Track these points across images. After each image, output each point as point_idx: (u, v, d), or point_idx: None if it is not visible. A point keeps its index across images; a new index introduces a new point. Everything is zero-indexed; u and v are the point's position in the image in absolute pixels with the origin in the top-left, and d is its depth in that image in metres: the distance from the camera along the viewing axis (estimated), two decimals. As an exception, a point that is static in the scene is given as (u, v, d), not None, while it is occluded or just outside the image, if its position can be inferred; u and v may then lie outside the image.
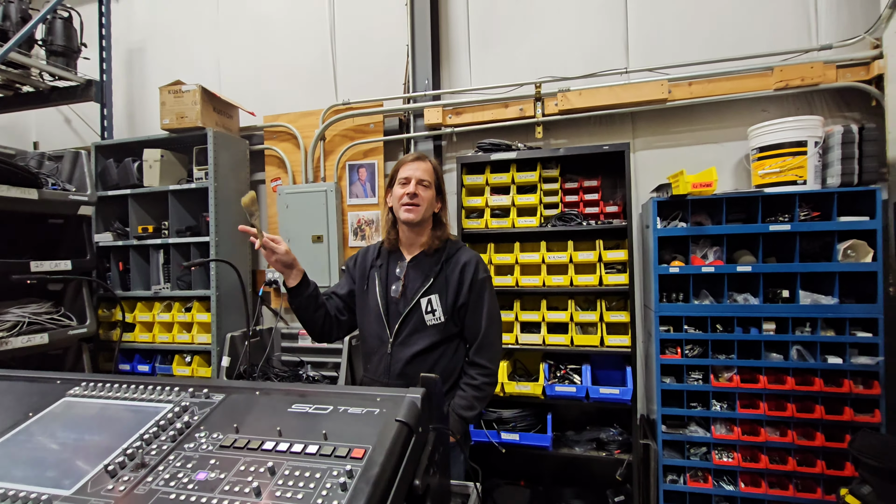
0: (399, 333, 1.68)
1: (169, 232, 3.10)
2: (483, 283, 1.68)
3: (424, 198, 1.68)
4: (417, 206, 1.67)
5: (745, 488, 2.38)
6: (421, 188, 1.68)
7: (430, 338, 1.65)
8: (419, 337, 1.66)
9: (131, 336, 3.16)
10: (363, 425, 1.04)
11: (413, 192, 1.67)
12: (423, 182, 1.69)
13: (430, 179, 1.71)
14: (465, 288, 1.66)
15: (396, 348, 1.67)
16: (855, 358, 2.26)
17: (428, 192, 1.70)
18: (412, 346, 1.65)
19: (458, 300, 1.66)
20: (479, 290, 1.67)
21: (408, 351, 1.65)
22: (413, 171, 1.69)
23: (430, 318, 1.65)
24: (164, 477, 0.95)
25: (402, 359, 1.66)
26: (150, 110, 3.91)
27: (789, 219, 2.34)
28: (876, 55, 2.38)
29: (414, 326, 1.67)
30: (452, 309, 1.66)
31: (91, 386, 1.32)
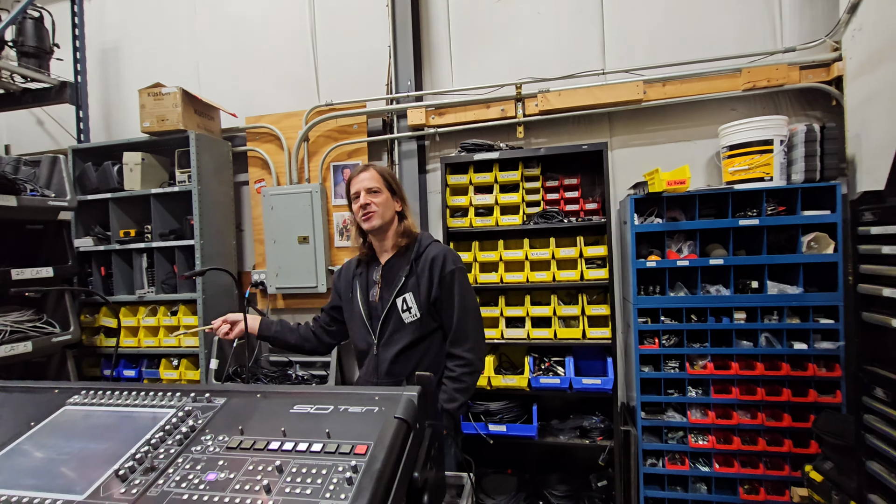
0: (382, 334, 1.74)
1: (152, 236, 3.08)
2: (452, 274, 1.73)
3: (377, 203, 1.74)
4: (373, 213, 1.73)
5: (719, 468, 2.53)
6: (371, 196, 1.74)
7: (410, 335, 1.72)
8: (400, 336, 1.72)
9: (115, 341, 3.13)
10: (364, 423, 1.10)
11: (365, 202, 1.73)
12: (372, 189, 1.75)
13: (379, 184, 1.76)
14: (436, 282, 1.71)
15: (381, 349, 1.74)
16: (818, 343, 2.41)
17: (379, 196, 1.75)
18: (395, 345, 1.72)
19: (430, 295, 1.72)
20: (449, 283, 1.72)
21: (392, 350, 1.71)
22: (360, 183, 1.76)
23: (407, 315, 1.71)
24: (175, 479, 0.99)
25: (387, 358, 1.72)
26: (126, 112, 3.85)
27: (757, 213, 2.47)
28: (836, 57, 2.52)
29: (394, 326, 1.73)
30: (427, 304, 1.72)
31: (91, 394, 1.35)
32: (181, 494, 0.95)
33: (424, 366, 1.71)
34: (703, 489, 2.60)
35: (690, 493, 2.59)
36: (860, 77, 2.36)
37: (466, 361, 1.70)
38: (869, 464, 1.51)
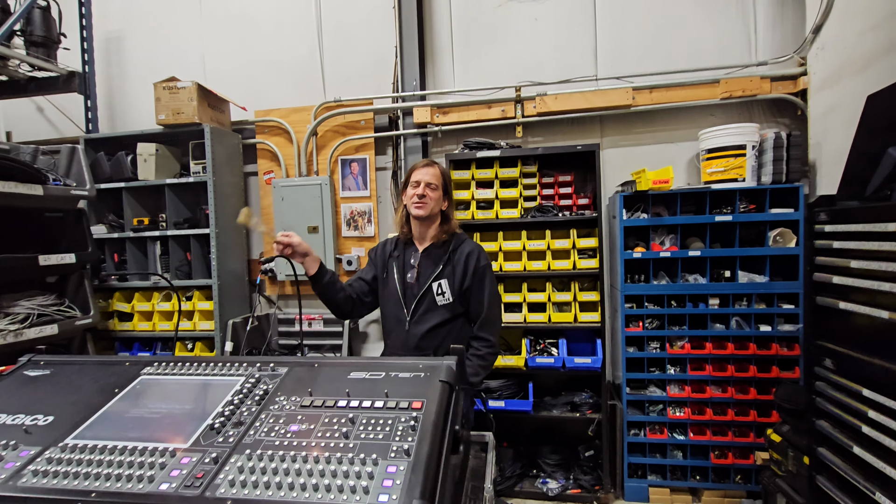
0: (415, 313, 1.95)
1: (167, 224, 3.20)
2: (484, 269, 1.97)
3: (432, 197, 1.95)
4: (425, 203, 1.94)
5: (693, 437, 2.85)
6: (428, 189, 1.95)
7: (441, 315, 1.94)
8: (432, 315, 1.94)
9: (130, 325, 3.26)
10: (414, 385, 1.33)
11: (422, 193, 1.94)
12: (431, 185, 1.95)
13: (438, 182, 1.98)
14: (470, 273, 1.94)
15: (413, 325, 1.95)
16: (781, 326, 2.74)
17: (435, 192, 1.97)
18: (426, 323, 1.93)
19: (463, 284, 1.94)
20: (481, 276, 1.96)
21: (423, 327, 1.93)
22: (423, 175, 1.96)
23: (441, 298, 1.94)
24: (263, 430, 1.20)
25: (417, 334, 1.93)
26: (129, 102, 3.92)
27: (731, 211, 2.77)
28: (802, 72, 2.82)
29: (427, 306, 1.95)
30: (459, 291, 1.95)
31: (161, 366, 1.53)
32: (272, 441, 1.16)
33: (448, 344, 1.93)
34: (678, 455, 2.92)
35: (668, 459, 2.91)
36: (822, 91, 2.67)
37: (491, 343, 1.95)
38: (818, 422, 1.81)
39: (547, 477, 3.06)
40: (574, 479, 3.02)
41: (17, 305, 2.58)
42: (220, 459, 1.10)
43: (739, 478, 2.83)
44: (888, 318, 1.44)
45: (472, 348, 1.95)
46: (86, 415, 1.32)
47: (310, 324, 3.40)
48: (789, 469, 2.14)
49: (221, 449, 1.14)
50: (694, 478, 2.90)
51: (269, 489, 1.01)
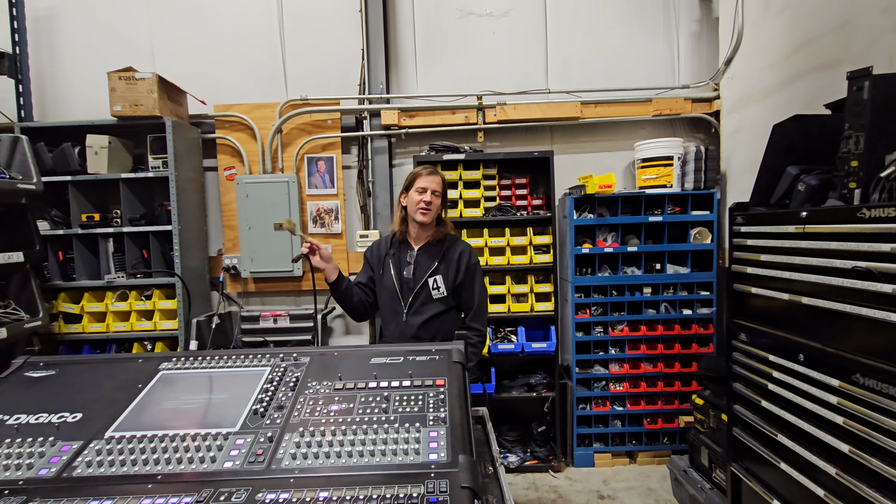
0: (412, 305, 2.13)
1: (122, 221, 3.06)
2: (475, 266, 2.20)
3: (436, 204, 2.13)
4: (430, 211, 2.12)
5: (630, 406, 3.30)
6: (434, 197, 2.12)
7: (436, 308, 2.14)
8: (428, 307, 2.13)
9: (79, 327, 3.09)
10: (432, 367, 1.54)
11: (429, 200, 2.10)
12: (436, 192, 2.13)
13: (440, 190, 2.15)
14: (462, 270, 2.15)
15: (410, 317, 2.13)
16: (699, 310, 3.26)
17: (438, 199, 2.14)
18: (423, 315, 2.12)
19: (456, 279, 2.15)
20: (472, 272, 2.18)
21: (419, 318, 2.12)
22: (429, 182, 2.12)
23: (436, 293, 2.13)
24: (306, 411, 1.35)
25: (415, 324, 2.12)
26: (64, 88, 3.64)
27: (661, 212, 3.23)
28: (716, 96, 3.35)
29: (423, 300, 2.13)
30: (452, 286, 2.15)
31: (178, 361, 1.60)
32: (318, 420, 1.31)
33: (444, 333, 2.13)
34: (618, 424, 3.36)
35: (610, 428, 3.34)
36: (731, 114, 3.20)
37: (482, 332, 2.18)
38: (735, 385, 2.26)
39: (507, 452, 3.37)
40: (531, 452, 3.36)
41: (-40, 308, 2.39)
42: (275, 438, 1.24)
43: (666, 440, 3.34)
44: (788, 300, 1.88)
45: (465, 337, 2.15)
46: (117, 409, 1.37)
47: (275, 320, 3.42)
48: (710, 426, 2.61)
49: (272, 429, 1.27)
50: (631, 442, 3.36)
51: (330, 458, 1.17)
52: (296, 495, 1.04)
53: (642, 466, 3.31)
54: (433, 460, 1.16)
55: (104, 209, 3.19)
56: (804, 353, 1.82)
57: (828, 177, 1.89)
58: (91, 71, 3.54)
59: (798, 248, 1.83)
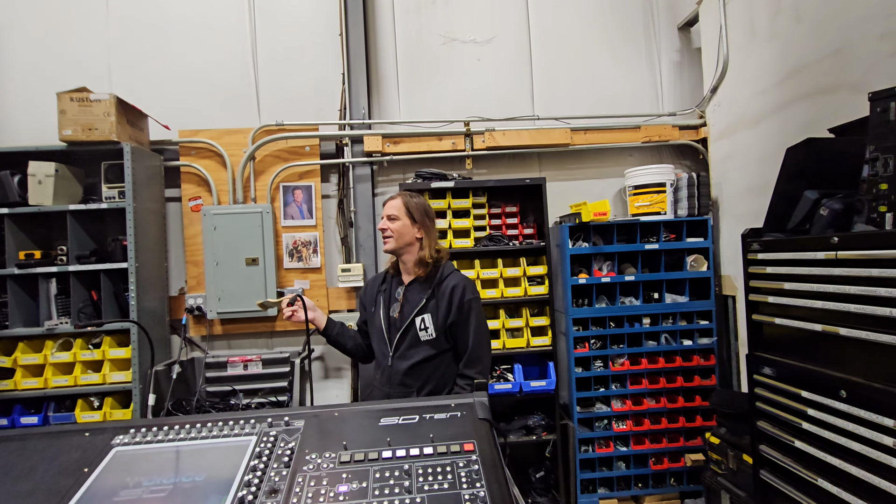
0: (398, 348, 1.88)
1: (68, 258, 2.68)
2: (470, 303, 1.90)
3: (394, 229, 1.90)
4: (391, 237, 1.90)
5: (634, 446, 3.10)
6: (389, 222, 1.91)
7: (424, 351, 1.87)
8: (415, 351, 1.87)
9: (10, 383, 2.63)
10: (454, 426, 1.29)
11: (383, 227, 1.91)
12: (391, 216, 1.91)
13: (399, 213, 1.91)
14: (454, 308, 1.88)
15: (396, 361, 1.88)
16: (699, 339, 3.14)
17: (396, 222, 1.90)
18: (409, 359, 1.87)
19: (448, 319, 1.88)
20: (466, 311, 1.89)
21: (406, 363, 1.86)
22: (386, 209, 1.94)
23: (424, 334, 1.87)
24: (308, 496, 1.07)
25: (400, 370, 1.86)
26: (4, 110, 3.26)
27: (656, 240, 3.14)
28: (702, 123, 3.36)
29: (410, 342, 1.88)
30: (443, 326, 1.88)
31: (137, 433, 1.28)
32: (325, 507, 1.03)
33: (435, 380, 1.87)
34: (622, 466, 3.15)
35: (614, 472, 3.12)
36: (720, 140, 3.20)
37: (473, 384, 1.86)
38: (759, 423, 2.11)
39: None
40: (532, 503, 3.08)
41: None
42: (270, 539, 0.95)
43: (673, 480, 3.14)
44: (822, 331, 1.76)
45: (458, 387, 1.86)
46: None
47: (245, 366, 3.06)
48: (730, 467, 2.44)
49: (266, 526, 0.99)
50: (637, 485, 3.14)
51: (346, 564, 0.90)
52: None
53: (650, 511, 3.10)
54: (479, 560, 0.91)
55: (47, 245, 2.81)
56: (846, 388, 1.68)
57: (851, 201, 1.82)
58: (37, 92, 3.20)
59: (830, 276, 1.72)
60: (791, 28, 2.53)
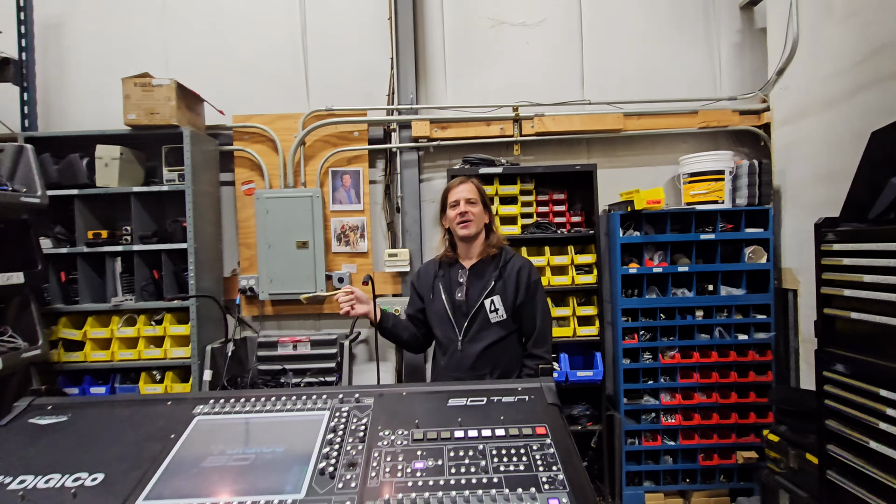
0: (468, 332, 1.88)
1: (132, 238, 2.80)
2: (536, 284, 1.93)
3: (474, 213, 1.91)
4: (470, 221, 1.90)
5: (683, 441, 3.02)
6: (469, 205, 1.91)
7: (495, 333, 1.88)
8: (486, 333, 1.87)
9: (80, 355, 2.79)
10: (524, 410, 1.28)
11: (464, 211, 1.89)
12: (470, 200, 1.92)
13: (476, 197, 1.94)
14: (523, 288, 1.89)
15: (466, 345, 1.87)
16: (756, 334, 3.02)
17: (475, 207, 1.93)
18: (481, 342, 1.87)
19: (517, 299, 1.89)
20: (533, 291, 1.91)
21: (477, 346, 1.86)
22: (459, 193, 1.92)
23: (494, 315, 1.88)
24: (385, 470, 1.08)
25: (472, 354, 1.86)
26: (70, 97, 3.42)
27: (713, 230, 3.02)
28: (765, 108, 3.19)
29: (480, 324, 1.88)
30: (513, 307, 1.89)
31: (216, 403, 1.33)
32: (403, 482, 1.04)
33: (504, 362, 1.88)
34: (669, 460, 3.08)
35: (661, 465, 3.06)
36: (785, 126, 3.03)
37: (546, 361, 1.89)
38: (828, 423, 2.01)
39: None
40: (576, 492, 3.05)
41: (-51, 336, 2.11)
42: (354, 509, 0.97)
43: (723, 477, 3.05)
44: (906, 326, 1.65)
45: (527, 367, 1.89)
46: (147, 469, 1.10)
47: (295, 346, 3.14)
48: (790, 466, 2.34)
49: (348, 496, 1.01)
50: (684, 480, 3.07)
51: (431, 537, 0.90)
52: None
53: (698, 508, 3.02)
54: (563, 540, 0.90)
55: (112, 226, 2.94)
56: (932, 388, 1.58)
57: (946, 188, 1.69)
58: (100, 80, 3.33)
59: (921, 268, 1.61)
60: (874, 3, 2.35)
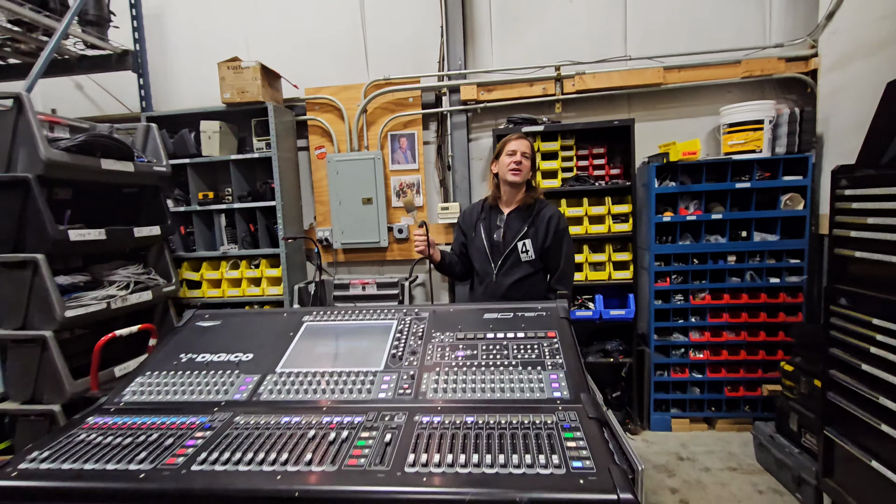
0: (502, 267, 2.28)
1: (232, 198, 3.42)
2: (563, 231, 2.29)
3: (526, 165, 2.25)
4: (520, 171, 2.24)
5: (710, 374, 3.32)
6: (524, 158, 2.24)
7: (524, 270, 2.27)
8: (517, 269, 2.27)
9: (199, 292, 3.52)
10: (541, 321, 1.68)
11: (518, 160, 2.23)
12: (525, 154, 2.25)
13: (530, 152, 2.27)
14: (551, 234, 2.26)
15: (500, 278, 2.28)
16: (788, 278, 3.18)
17: (528, 161, 2.25)
18: (512, 276, 2.27)
19: (545, 243, 2.26)
20: (560, 236, 2.28)
21: (509, 279, 2.27)
22: (518, 146, 2.24)
23: (525, 255, 2.26)
24: (436, 356, 1.54)
25: (504, 285, 2.27)
26: (172, 79, 4.03)
27: (749, 178, 3.15)
28: (813, 54, 3.17)
29: (513, 262, 2.28)
30: (541, 250, 2.27)
31: (319, 314, 1.84)
32: (449, 362, 1.50)
33: (532, 295, 2.27)
34: (696, 391, 3.39)
35: (688, 395, 3.38)
36: (832, 72, 3.03)
37: (567, 296, 2.27)
38: (832, 350, 2.25)
39: (584, 414, 3.51)
40: (608, 415, 3.47)
41: (116, 274, 2.82)
42: (416, 376, 1.45)
43: (748, 407, 3.33)
44: (897, 262, 1.85)
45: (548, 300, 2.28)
46: (279, 352, 1.63)
47: (364, 288, 3.71)
48: (801, 392, 2.61)
49: (411, 369, 1.48)
50: (710, 409, 3.38)
51: (466, 392, 1.36)
52: (447, 418, 1.23)
53: (721, 433, 3.34)
54: (557, 397, 1.32)
55: (215, 188, 3.57)
56: (914, 315, 1.80)
57: (949, 135, 1.82)
58: (195, 63, 3.90)
59: (912, 209, 1.79)
60: (923, -58, 2.32)
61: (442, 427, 1.19)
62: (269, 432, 1.21)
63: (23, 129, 2.28)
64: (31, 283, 2.37)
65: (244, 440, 1.17)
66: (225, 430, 1.24)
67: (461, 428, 1.18)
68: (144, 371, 1.59)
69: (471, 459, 1.04)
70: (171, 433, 1.24)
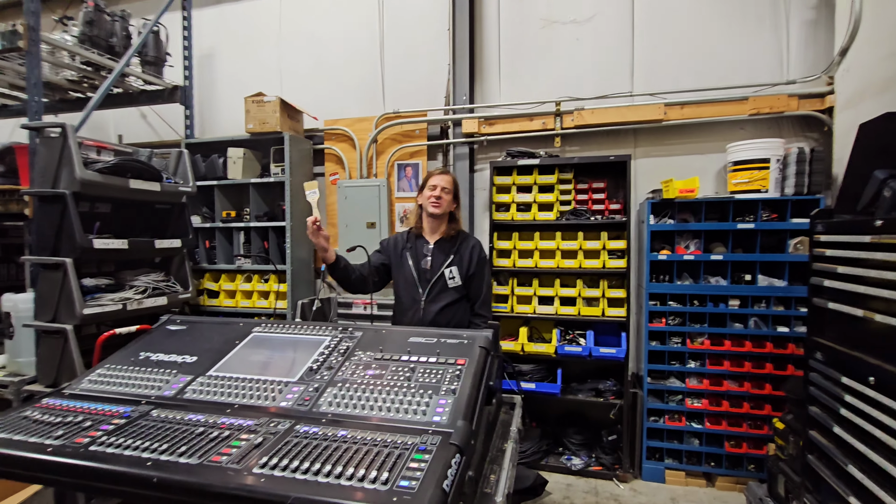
0: (430, 293, 2.36)
1: (250, 217, 3.76)
2: (484, 260, 2.43)
3: (445, 199, 2.36)
4: (440, 204, 2.35)
5: (709, 426, 3.10)
6: (443, 193, 2.35)
7: (451, 296, 2.35)
8: (444, 295, 2.35)
9: (217, 301, 3.86)
10: (460, 349, 1.73)
11: (438, 195, 2.34)
12: (445, 189, 2.36)
13: (450, 188, 2.39)
14: (475, 262, 2.38)
15: (428, 304, 2.35)
16: (797, 328, 2.93)
17: (448, 195, 2.37)
18: (439, 302, 2.34)
19: (469, 271, 2.37)
20: (482, 265, 2.41)
21: (437, 306, 2.34)
22: (439, 181, 2.37)
23: (451, 282, 2.36)
24: (348, 373, 1.64)
25: (432, 311, 2.34)
26: (216, 111, 4.54)
27: (753, 219, 2.99)
28: (829, 91, 2.99)
29: (440, 288, 2.35)
30: (465, 277, 2.37)
31: (266, 326, 2.00)
32: (355, 380, 1.59)
33: (456, 321, 2.35)
34: (695, 442, 3.17)
35: (685, 445, 3.17)
36: (846, 110, 2.84)
37: (487, 319, 2.36)
38: (811, 408, 2.06)
39: (571, 454, 3.39)
40: (596, 458, 3.33)
41: (138, 280, 3.19)
42: (320, 389, 1.55)
43: (752, 466, 3.06)
44: (863, 316, 1.70)
45: (473, 324, 2.37)
46: (218, 357, 1.81)
47: (365, 307, 3.87)
48: (790, 453, 2.38)
49: (319, 383, 1.59)
50: (709, 464, 3.14)
51: (356, 409, 1.44)
52: (322, 430, 1.32)
53: (721, 491, 3.08)
54: (435, 421, 1.36)
55: (238, 208, 3.94)
56: (876, 375, 1.64)
57: (919, 181, 1.68)
58: (234, 96, 4.37)
59: (871, 260, 1.66)
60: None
61: (312, 437, 1.28)
62: (170, 426, 1.36)
63: (66, 153, 2.71)
64: (61, 283, 2.76)
65: (147, 430, 1.33)
66: (137, 420, 1.41)
67: (328, 440, 1.26)
68: (107, 364, 1.82)
69: (312, 468, 1.12)
70: (94, 418, 1.42)
